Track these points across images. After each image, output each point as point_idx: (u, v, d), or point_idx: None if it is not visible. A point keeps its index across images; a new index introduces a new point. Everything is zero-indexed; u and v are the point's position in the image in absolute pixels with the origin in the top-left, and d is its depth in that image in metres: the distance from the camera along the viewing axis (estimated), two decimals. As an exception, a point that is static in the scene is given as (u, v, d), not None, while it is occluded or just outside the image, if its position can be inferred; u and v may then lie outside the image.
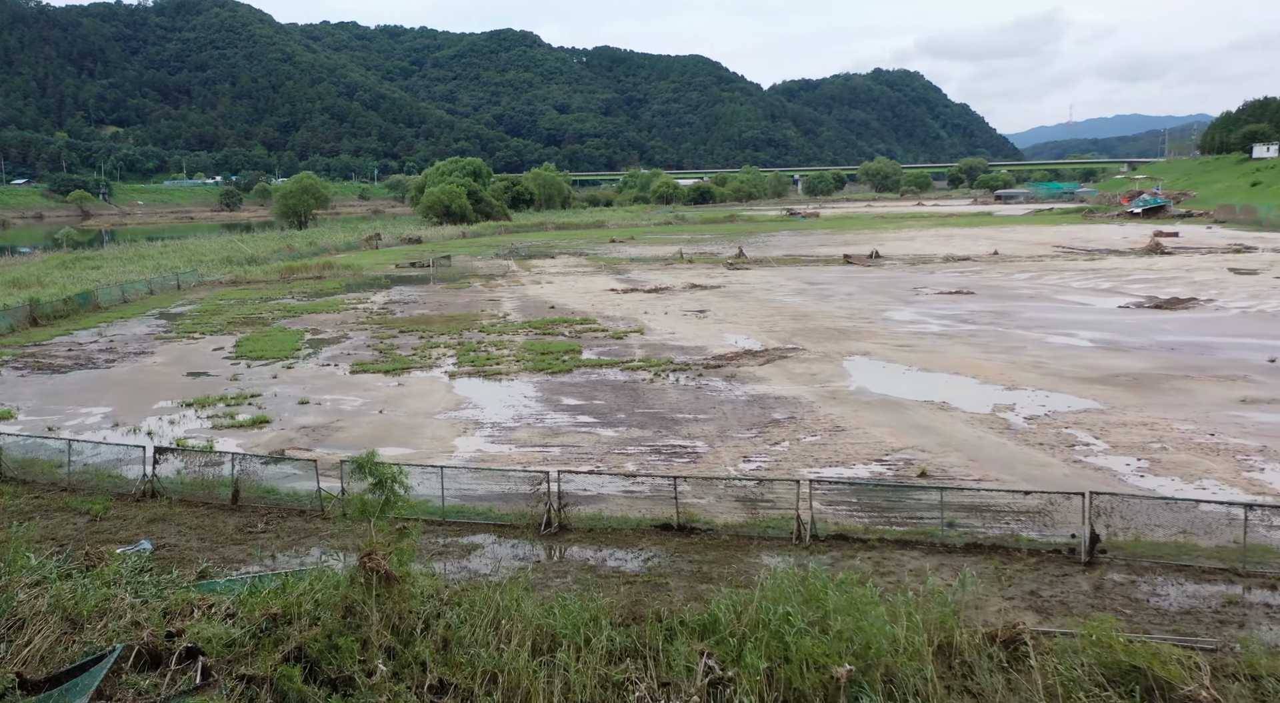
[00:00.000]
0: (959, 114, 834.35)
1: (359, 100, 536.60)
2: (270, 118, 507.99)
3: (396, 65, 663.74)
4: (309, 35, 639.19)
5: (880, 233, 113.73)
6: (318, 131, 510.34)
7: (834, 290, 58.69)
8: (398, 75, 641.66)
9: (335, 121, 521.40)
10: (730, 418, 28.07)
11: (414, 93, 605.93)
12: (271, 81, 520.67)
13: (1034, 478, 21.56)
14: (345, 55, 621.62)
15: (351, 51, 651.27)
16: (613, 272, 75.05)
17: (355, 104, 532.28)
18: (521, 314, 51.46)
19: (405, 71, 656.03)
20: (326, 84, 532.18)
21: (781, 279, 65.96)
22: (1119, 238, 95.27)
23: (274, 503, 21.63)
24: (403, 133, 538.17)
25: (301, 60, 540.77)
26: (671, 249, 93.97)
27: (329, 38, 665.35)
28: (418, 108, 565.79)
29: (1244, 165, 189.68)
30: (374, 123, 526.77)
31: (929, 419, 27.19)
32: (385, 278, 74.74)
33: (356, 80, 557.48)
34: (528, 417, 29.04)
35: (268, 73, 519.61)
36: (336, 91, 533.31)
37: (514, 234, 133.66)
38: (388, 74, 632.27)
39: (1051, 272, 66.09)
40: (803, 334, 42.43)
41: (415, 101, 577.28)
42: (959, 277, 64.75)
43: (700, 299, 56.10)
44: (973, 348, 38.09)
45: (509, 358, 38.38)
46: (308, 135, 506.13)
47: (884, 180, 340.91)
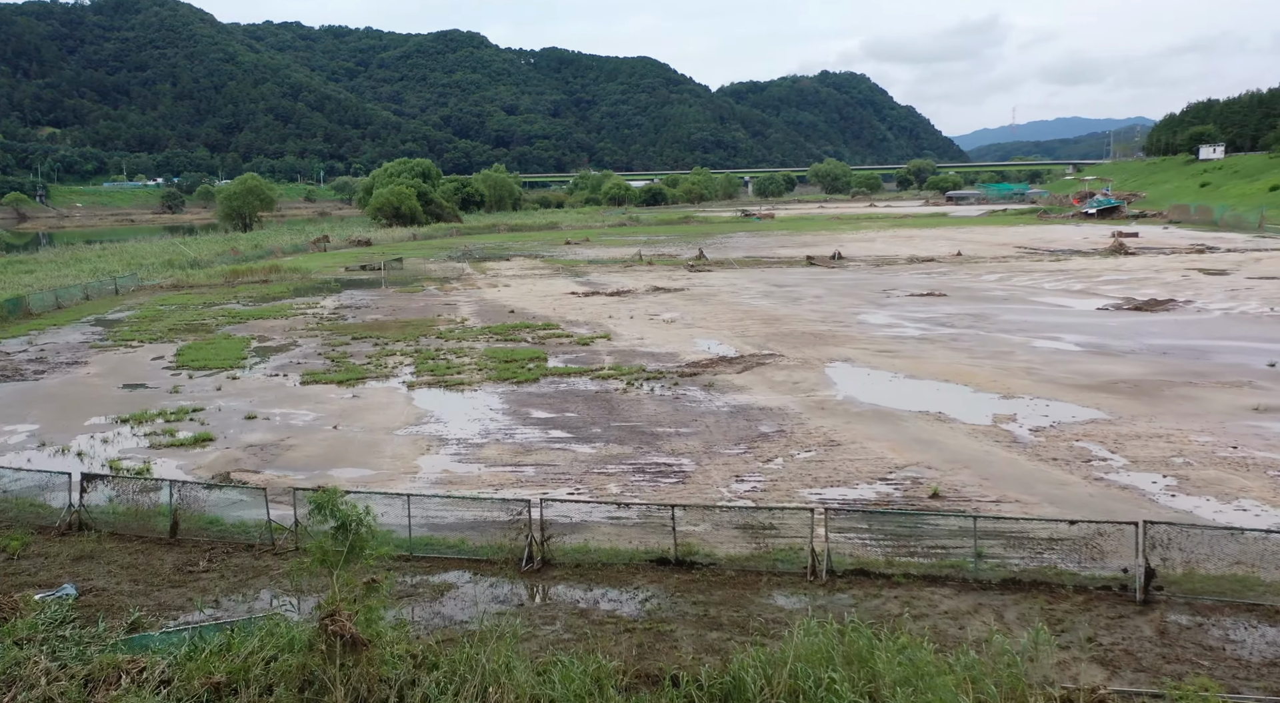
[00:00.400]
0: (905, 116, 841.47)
1: (304, 101, 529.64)
2: (213, 119, 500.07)
3: (342, 66, 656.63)
4: (252, 35, 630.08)
5: (838, 234, 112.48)
6: (262, 133, 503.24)
7: (802, 293, 56.96)
8: (343, 76, 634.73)
9: (280, 122, 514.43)
10: (715, 431, 26.07)
11: (360, 94, 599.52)
12: (214, 82, 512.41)
13: (1057, 499, 19.78)
14: (289, 56, 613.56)
15: (295, 52, 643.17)
16: (571, 274, 72.89)
17: (300, 105, 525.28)
18: (480, 319, 49.18)
19: (351, 72, 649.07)
20: (270, 84, 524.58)
21: (746, 281, 64.16)
22: (1079, 238, 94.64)
23: (218, 535, 19.28)
24: (349, 134, 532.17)
25: (244, 60, 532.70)
26: (629, 251, 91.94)
27: (272, 38, 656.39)
28: (364, 109, 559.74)
29: (1191, 166, 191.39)
30: (319, 124, 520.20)
31: (929, 432, 25.37)
32: (335, 281, 72.03)
33: (301, 81, 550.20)
34: (496, 432, 26.85)
35: (209, 73, 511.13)
36: (280, 92, 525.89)
37: (466, 236, 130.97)
38: (333, 75, 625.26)
39: (1019, 273, 64.89)
40: (777, 339, 40.57)
41: (361, 102, 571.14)
42: (927, 278, 63.34)
43: (665, 302, 54.12)
44: (958, 353, 36.42)
45: (470, 366, 36.14)
46: (251, 136, 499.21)
47: (834, 182, 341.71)
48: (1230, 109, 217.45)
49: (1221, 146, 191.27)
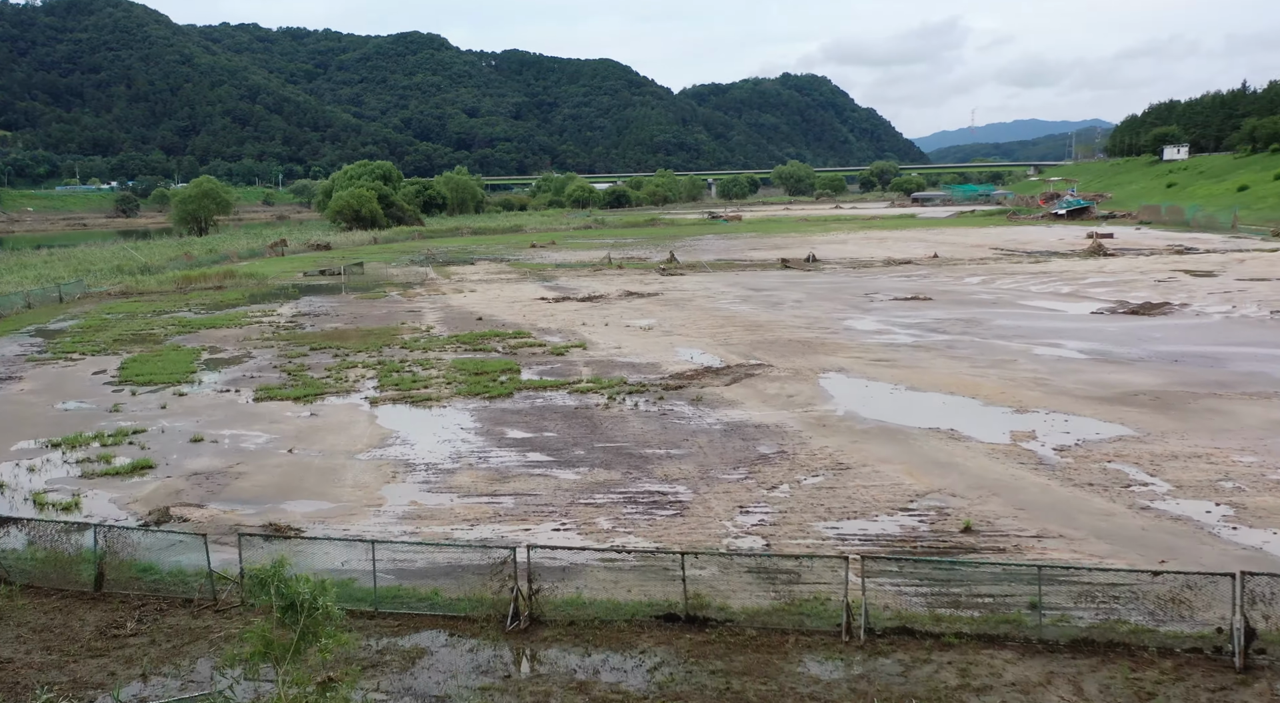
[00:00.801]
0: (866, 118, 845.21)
1: (262, 103, 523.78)
2: (169, 121, 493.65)
3: (300, 68, 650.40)
4: (208, 37, 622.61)
5: (809, 236, 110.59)
6: (219, 135, 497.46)
7: (781, 297, 54.79)
8: (302, 78, 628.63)
9: (237, 125, 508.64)
10: (710, 453, 23.74)
11: (319, 96, 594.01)
12: (169, 84, 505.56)
13: (1105, 533, 17.60)
14: (247, 57, 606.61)
15: (253, 53, 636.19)
16: (539, 278, 70.36)
17: (258, 107, 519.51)
18: (447, 327, 46.59)
19: (309, 74, 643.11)
20: (227, 87, 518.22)
21: (721, 285, 61.93)
22: (1054, 239, 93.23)
23: (151, 587, 16.68)
24: (308, 137, 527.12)
25: (201, 62, 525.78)
26: (597, 254, 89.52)
27: (229, 39, 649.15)
28: (323, 111, 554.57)
29: (1156, 167, 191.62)
30: (278, 126, 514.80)
31: (944, 452, 23.16)
32: (293, 287, 69.09)
33: (259, 83, 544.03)
34: (468, 455, 24.37)
35: (165, 75, 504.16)
36: (238, 94, 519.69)
37: (428, 239, 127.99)
38: (291, 77, 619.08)
39: (1001, 275, 63.08)
40: (764, 347, 38.32)
41: (321, 105, 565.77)
42: (907, 281, 61.38)
43: (640, 308, 51.76)
44: (958, 362, 34.31)
45: (438, 380, 33.60)
46: (208, 139, 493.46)
47: (797, 184, 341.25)
48: (1192, 110, 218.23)
49: (1185, 147, 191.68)
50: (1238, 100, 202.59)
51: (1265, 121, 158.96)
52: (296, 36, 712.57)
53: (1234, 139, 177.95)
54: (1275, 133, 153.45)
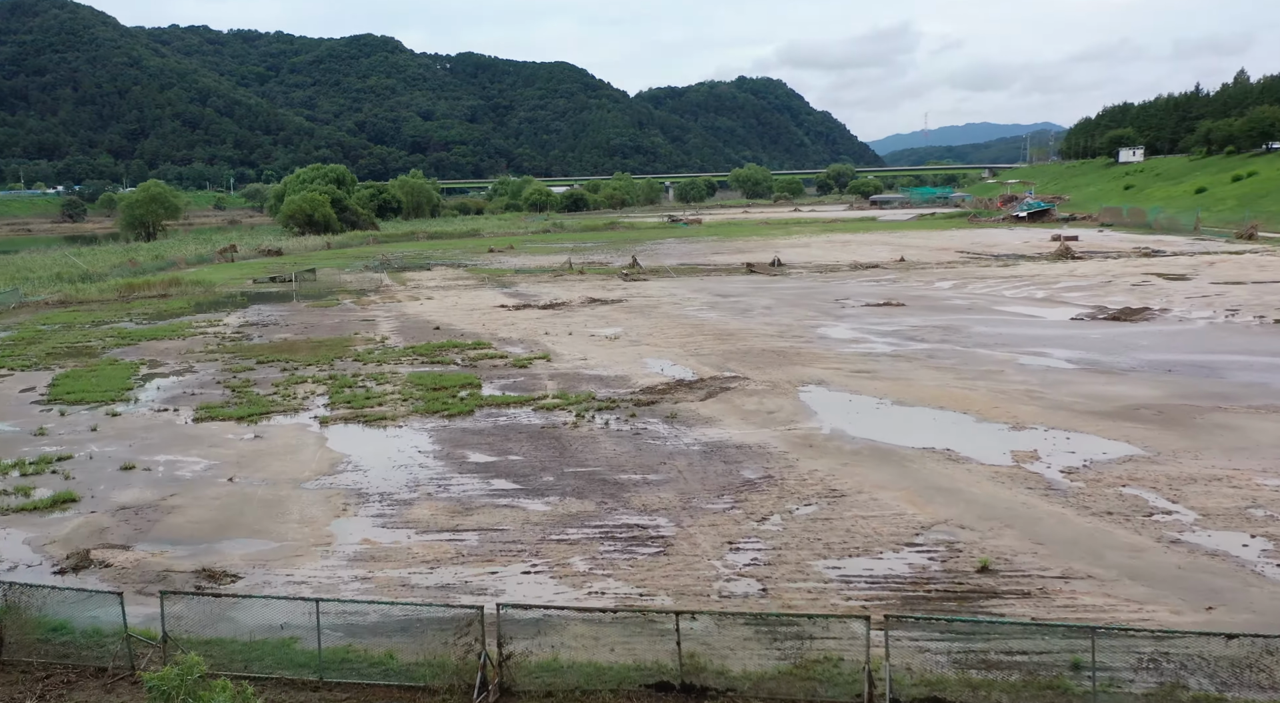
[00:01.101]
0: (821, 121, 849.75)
1: (212, 106, 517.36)
2: (117, 125, 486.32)
3: (252, 71, 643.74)
4: (157, 39, 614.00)
5: (771, 240, 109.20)
6: (169, 139, 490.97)
7: (750, 303, 53.05)
8: (253, 81, 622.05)
9: (187, 129, 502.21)
10: (690, 479, 21.84)
11: (271, 99, 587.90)
12: (117, 86, 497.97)
13: (1137, 572, 15.88)
14: (197, 60, 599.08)
15: (203, 56, 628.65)
16: (498, 285, 68.21)
17: (209, 110, 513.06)
18: (402, 337, 44.37)
19: (261, 77, 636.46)
20: (177, 90, 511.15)
21: (687, 291, 60.11)
22: (1019, 242, 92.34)
23: (60, 652, 14.46)
24: (260, 140, 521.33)
25: (149, 65, 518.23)
26: (557, 259, 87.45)
27: (179, 42, 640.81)
28: (275, 114, 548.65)
29: (1112, 169, 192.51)
30: (229, 130, 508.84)
31: (944, 476, 21.40)
32: (241, 295, 66.46)
33: (209, 86, 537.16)
34: (427, 483, 22.30)
35: (113, 77, 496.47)
36: (188, 97, 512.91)
37: (383, 244, 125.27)
38: (243, 80, 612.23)
39: (972, 279, 61.77)
40: (737, 358, 36.49)
41: (273, 108, 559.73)
42: (877, 286, 59.90)
43: (605, 316, 49.80)
44: (942, 373, 32.64)
45: (393, 396, 31.45)
46: (158, 143, 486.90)
47: (755, 186, 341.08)
48: (1146, 113, 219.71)
49: (1140, 150, 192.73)
50: (1191, 103, 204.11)
51: (1220, 124, 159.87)
52: (248, 39, 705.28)
53: (1188, 141, 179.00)
54: (1230, 135, 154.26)
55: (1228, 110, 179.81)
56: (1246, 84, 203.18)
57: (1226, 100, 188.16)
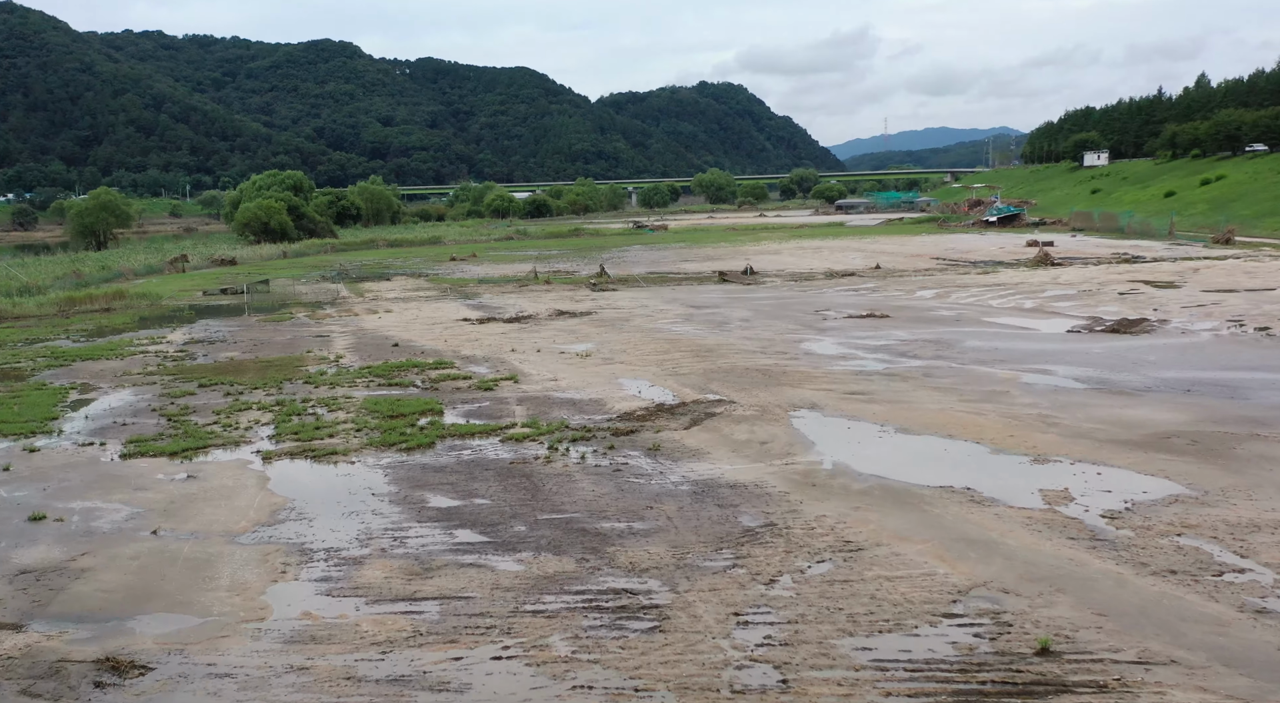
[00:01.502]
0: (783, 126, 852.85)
1: (167, 112, 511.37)
2: (69, 131, 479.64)
3: (208, 76, 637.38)
4: (110, 44, 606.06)
5: (740, 246, 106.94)
6: (123, 145, 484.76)
7: (726, 316, 50.49)
8: (209, 87, 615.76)
9: (142, 135, 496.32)
10: (682, 527, 19.16)
11: (228, 105, 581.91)
12: (69, 92, 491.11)
13: (1229, 655, 13.28)
14: (151, 65, 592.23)
15: (158, 61, 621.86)
16: (461, 296, 65.29)
17: (164, 116, 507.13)
18: (358, 356, 41.41)
19: (218, 83, 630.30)
20: (131, 95, 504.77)
21: (659, 302, 57.50)
22: (994, 248, 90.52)
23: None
24: (217, 146, 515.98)
25: (102, 70, 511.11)
26: (522, 268, 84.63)
27: (132, 47, 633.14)
28: (232, 120, 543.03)
29: (1077, 173, 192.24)
30: (185, 136, 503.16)
31: (972, 523, 18.81)
32: (189, 309, 63.14)
33: (164, 91, 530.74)
34: (380, 534, 19.48)
35: (65, 83, 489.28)
36: (142, 103, 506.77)
37: (342, 253, 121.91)
38: (199, 85, 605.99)
39: (953, 288, 59.58)
40: (719, 378, 33.88)
41: (230, 114, 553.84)
42: (856, 296, 57.57)
43: (574, 330, 47.06)
44: (943, 394, 30.15)
45: (346, 426, 28.53)
46: (112, 149, 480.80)
47: (718, 192, 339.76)
48: (1109, 116, 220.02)
49: (1105, 153, 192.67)
50: (1154, 107, 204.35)
51: (1185, 127, 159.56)
52: (203, 44, 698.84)
53: (1153, 145, 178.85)
54: (1195, 138, 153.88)
55: (1191, 113, 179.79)
56: (1208, 88, 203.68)
57: (1190, 103, 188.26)
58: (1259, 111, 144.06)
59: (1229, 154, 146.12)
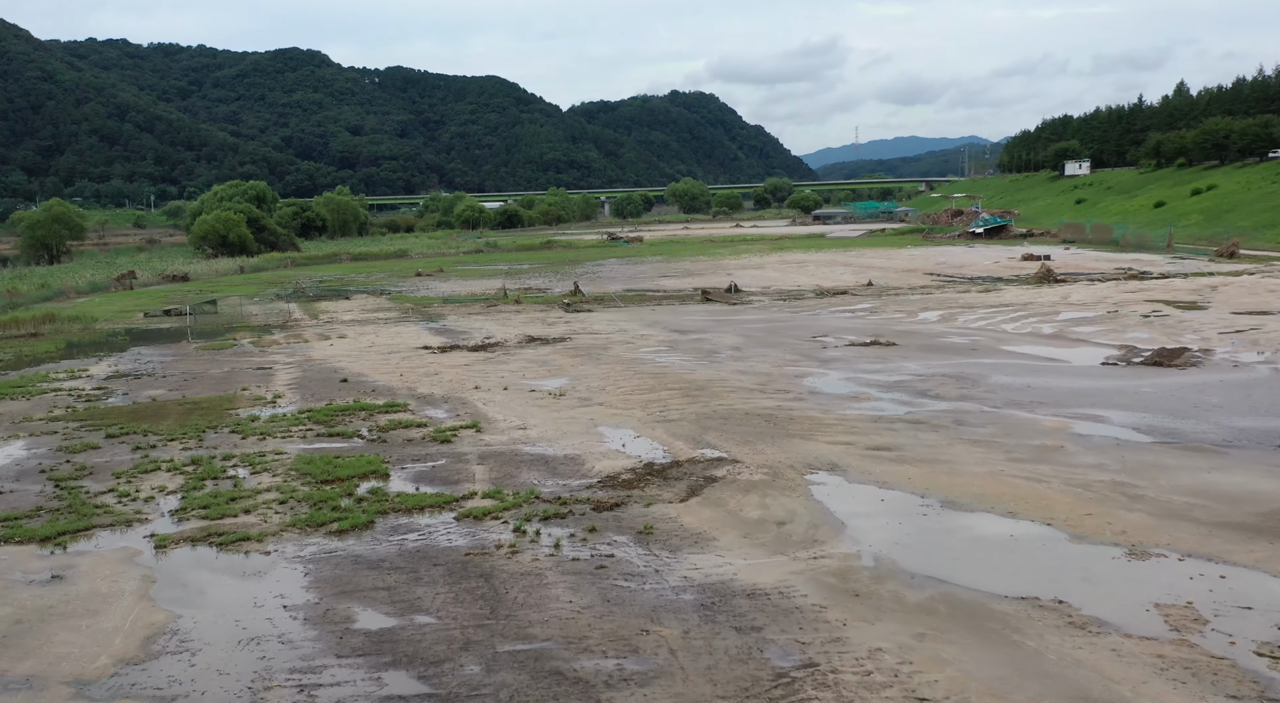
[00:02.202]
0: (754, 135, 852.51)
1: (132, 122, 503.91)
2: (30, 141, 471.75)
3: (173, 85, 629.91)
4: (73, 53, 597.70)
5: (719, 260, 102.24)
6: (85, 155, 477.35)
7: (715, 342, 45.61)
8: (175, 96, 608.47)
9: (105, 144, 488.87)
10: (691, 672, 14.18)
11: (194, 114, 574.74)
12: (30, 102, 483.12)
13: None
14: (115, 74, 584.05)
15: (122, 70, 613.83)
16: (423, 317, 60.18)
17: (128, 126, 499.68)
18: (300, 395, 36.24)
19: (183, 92, 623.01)
20: (95, 104, 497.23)
21: (639, 325, 52.60)
22: (987, 262, 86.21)
23: None
24: (182, 156, 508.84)
25: (64, 79, 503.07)
26: (491, 284, 79.56)
27: (96, 55, 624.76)
28: (198, 130, 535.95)
29: (1058, 182, 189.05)
30: (149, 145, 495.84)
31: (1087, 668, 13.88)
32: (124, 334, 57.63)
33: (129, 101, 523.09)
34: (282, 682, 14.38)
35: (25, 92, 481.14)
36: (106, 112, 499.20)
37: (303, 268, 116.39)
38: (164, 94, 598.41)
39: (958, 308, 55.00)
40: (716, 425, 28.95)
41: (195, 123, 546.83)
42: (854, 318, 52.88)
43: (546, 361, 42.03)
44: (985, 450, 25.32)
45: (269, 496, 23.38)
46: (74, 159, 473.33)
47: (692, 201, 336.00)
48: (1088, 125, 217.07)
49: (1087, 162, 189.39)
50: (1135, 115, 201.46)
51: (1170, 136, 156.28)
52: (169, 53, 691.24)
53: (1136, 154, 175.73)
54: (1181, 147, 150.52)
55: (1174, 122, 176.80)
56: (1188, 96, 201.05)
57: (1172, 112, 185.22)
58: (1248, 120, 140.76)
59: (1216, 163, 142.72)
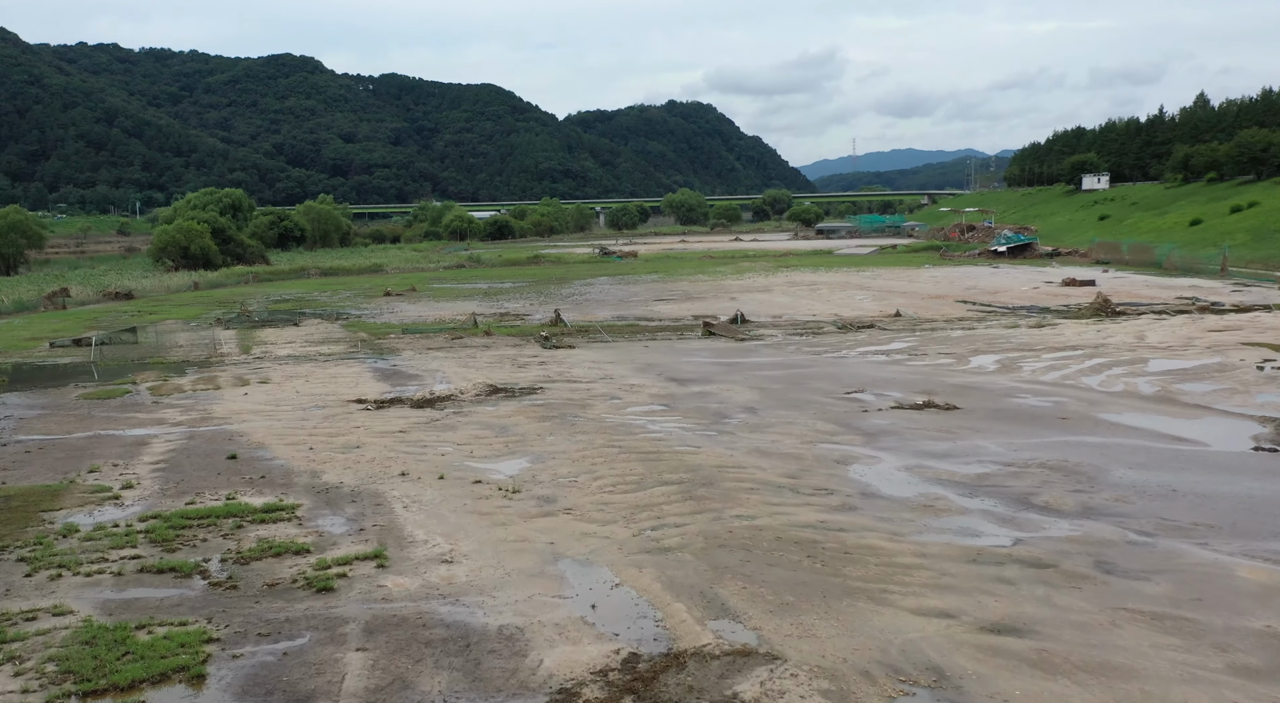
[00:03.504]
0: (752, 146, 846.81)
1: (120, 127, 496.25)
2: (15, 146, 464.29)
3: (165, 91, 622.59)
4: (63, 57, 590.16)
5: (719, 279, 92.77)
6: (71, 161, 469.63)
7: (723, 399, 35.93)
8: (166, 101, 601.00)
9: (92, 150, 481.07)
10: None
11: (184, 120, 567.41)
12: (16, 106, 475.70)
13: None
14: (105, 79, 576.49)
15: (113, 74, 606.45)
16: (373, 353, 50.61)
17: (116, 131, 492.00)
18: (162, 482, 26.55)
19: (174, 97, 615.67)
20: (82, 109, 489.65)
21: (627, 370, 43.00)
22: (1025, 288, 76.77)
23: None
24: (170, 162, 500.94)
25: (52, 83, 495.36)
26: (463, 307, 70.05)
27: (86, 60, 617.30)
28: (188, 135, 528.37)
29: (1076, 197, 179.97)
30: (137, 151, 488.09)
31: None
32: (6, 372, 47.89)
33: (117, 105, 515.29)
34: None
35: (12, 96, 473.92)
36: (94, 117, 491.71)
37: (266, 283, 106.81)
38: (154, 100, 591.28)
39: (1013, 350, 45.45)
40: (734, 566, 19.24)
41: (185, 129, 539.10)
42: (889, 363, 43.32)
43: (506, 427, 32.29)
44: (1187, 645, 15.66)
45: (-18, 730, 13.79)
46: (59, 165, 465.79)
47: (689, 213, 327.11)
48: (1105, 137, 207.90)
49: (1106, 176, 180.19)
50: (1155, 127, 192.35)
51: (1199, 149, 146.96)
52: (160, 58, 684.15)
53: (1160, 168, 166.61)
54: (1212, 160, 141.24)
55: (1199, 134, 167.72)
56: (1210, 107, 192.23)
57: (1197, 124, 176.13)
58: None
59: (1252, 178, 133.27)
